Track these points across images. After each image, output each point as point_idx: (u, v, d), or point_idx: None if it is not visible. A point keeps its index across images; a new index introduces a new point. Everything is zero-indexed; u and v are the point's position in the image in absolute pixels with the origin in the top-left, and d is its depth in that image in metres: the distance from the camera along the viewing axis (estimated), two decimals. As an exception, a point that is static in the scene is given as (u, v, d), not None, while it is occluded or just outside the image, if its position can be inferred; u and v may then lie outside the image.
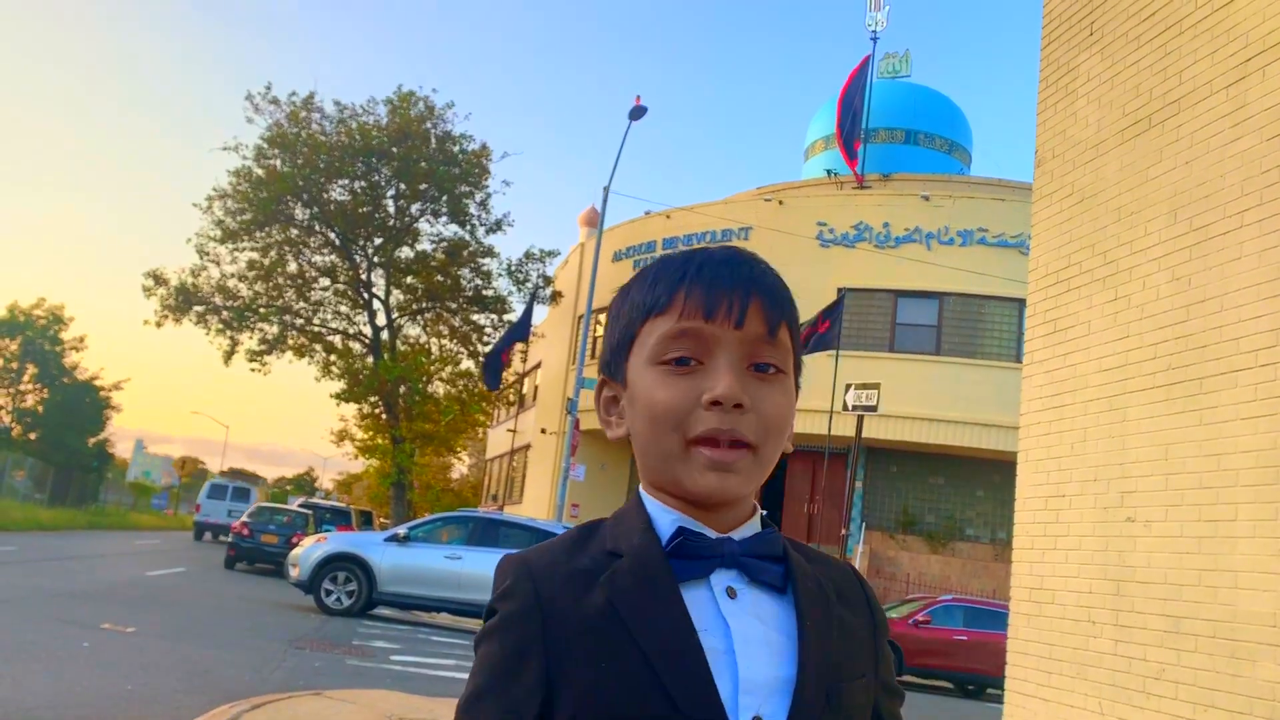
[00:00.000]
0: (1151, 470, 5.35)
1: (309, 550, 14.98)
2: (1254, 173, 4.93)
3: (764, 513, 1.00)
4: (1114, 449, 5.67)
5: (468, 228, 31.31)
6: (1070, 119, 6.56)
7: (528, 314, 27.31)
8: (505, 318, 31.11)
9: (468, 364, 32.06)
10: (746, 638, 0.90)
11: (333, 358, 30.71)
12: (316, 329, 31.49)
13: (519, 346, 29.53)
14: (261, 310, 30.40)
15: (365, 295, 31.36)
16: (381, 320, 31.33)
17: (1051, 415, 6.29)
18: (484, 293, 31.53)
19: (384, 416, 30.97)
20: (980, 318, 24.36)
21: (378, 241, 30.93)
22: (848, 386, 17.93)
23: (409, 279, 31.70)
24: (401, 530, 15.22)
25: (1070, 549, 5.94)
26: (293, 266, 30.93)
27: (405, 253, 31.68)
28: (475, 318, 32.05)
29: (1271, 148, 4.84)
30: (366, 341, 31.34)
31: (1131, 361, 5.62)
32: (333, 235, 30.58)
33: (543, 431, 33.05)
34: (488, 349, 28.84)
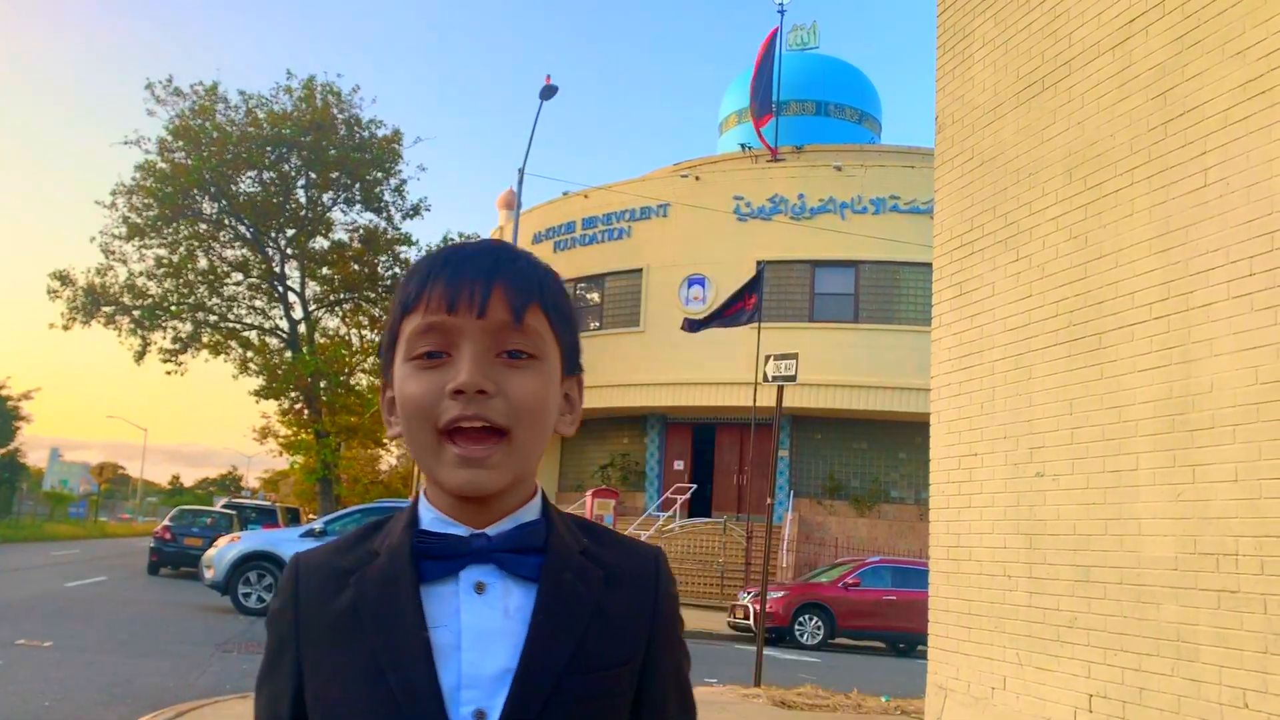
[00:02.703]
0: (1057, 425, 5.49)
1: (223, 550, 14.66)
2: (1141, 130, 5.06)
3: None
4: (1021, 406, 5.81)
5: (383, 215, 30.84)
6: (968, 84, 6.67)
7: None
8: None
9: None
10: (479, 631, 0.92)
11: (249, 354, 30.04)
12: (231, 325, 30.76)
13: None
14: (173, 308, 29.60)
15: (280, 288, 30.70)
16: (298, 313, 30.73)
17: (961, 376, 6.42)
18: (403, 281, 31.08)
19: (306, 412, 30.44)
20: (896, 284, 24.76)
21: (290, 233, 30.28)
22: (767, 358, 18.11)
23: (324, 270, 31.11)
24: (318, 525, 14.99)
25: (984, 506, 6.09)
26: (203, 262, 30.16)
27: (320, 243, 31.10)
28: (395, 306, 31.58)
29: (1156, 106, 4.97)
30: (284, 336, 30.71)
31: (1035, 320, 5.75)
32: (243, 228, 29.86)
33: (469, 417, 32.79)
34: None
